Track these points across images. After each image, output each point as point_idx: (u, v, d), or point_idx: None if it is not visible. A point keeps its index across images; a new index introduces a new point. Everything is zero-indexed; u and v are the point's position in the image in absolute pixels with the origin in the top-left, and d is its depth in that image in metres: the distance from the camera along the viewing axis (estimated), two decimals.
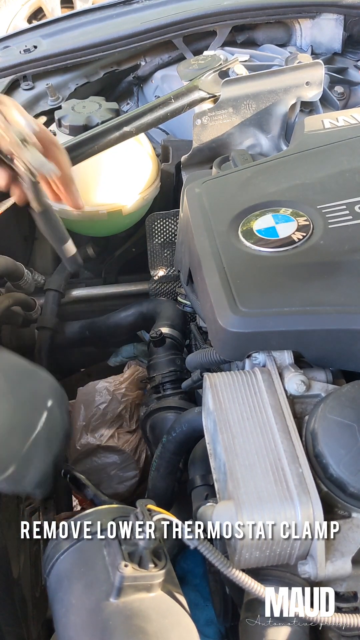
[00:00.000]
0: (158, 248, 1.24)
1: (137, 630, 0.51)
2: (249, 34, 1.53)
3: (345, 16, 1.45)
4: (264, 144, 1.14)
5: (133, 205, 1.21)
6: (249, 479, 0.55)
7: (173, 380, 1.07)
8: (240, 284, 0.67)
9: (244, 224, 0.75)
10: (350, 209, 0.74)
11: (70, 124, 1.16)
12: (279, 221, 0.74)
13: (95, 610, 0.52)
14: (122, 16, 1.49)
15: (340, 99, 1.34)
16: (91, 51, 1.37)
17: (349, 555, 0.55)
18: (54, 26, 1.49)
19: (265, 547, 0.54)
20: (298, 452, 0.57)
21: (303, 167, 0.85)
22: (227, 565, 0.54)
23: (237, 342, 0.66)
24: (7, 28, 2.95)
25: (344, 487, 0.55)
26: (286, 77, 1.11)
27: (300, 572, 0.57)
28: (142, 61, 1.52)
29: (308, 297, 0.65)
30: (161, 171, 1.27)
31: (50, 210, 0.77)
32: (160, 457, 0.87)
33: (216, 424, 0.60)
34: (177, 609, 0.55)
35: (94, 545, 0.56)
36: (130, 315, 1.24)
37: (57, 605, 0.55)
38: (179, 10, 1.45)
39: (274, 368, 0.64)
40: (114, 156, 1.16)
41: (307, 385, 0.63)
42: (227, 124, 1.12)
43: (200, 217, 0.79)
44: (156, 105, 1.05)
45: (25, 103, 1.30)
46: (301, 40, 1.53)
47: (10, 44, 1.44)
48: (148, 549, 0.53)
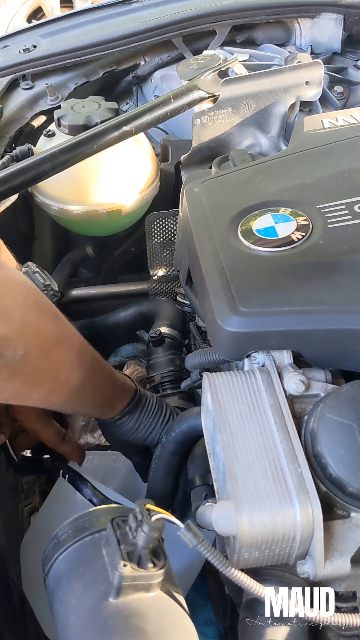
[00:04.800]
0: (157, 248, 1.24)
1: (136, 629, 0.51)
2: (249, 33, 1.52)
3: (344, 16, 1.45)
4: (263, 144, 1.14)
5: (132, 204, 1.21)
6: (248, 479, 0.55)
7: (172, 380, 1.07)
8: (239, 284, 0.67)
9: (243, 224, 0.75)
10: (350, 209, 0.74)
11: (69, 123, 1.17)
12: (278, 221, 0.74)
13: (95, 609, 0.52)
14: (121, 16, 1.49)
15: (339, 98, 1.34)
16: (90, 51, 1.37)
17: (348, 555, 0.55)
18: (53, 26, 1.49)
19: (265, 547, 0.54)
20: (297, 452, 0.57)
21: (302, 167, 0.85)
22: (226, 565, 0.54)
23: (236, 341, 0.66)
24: (7, 27, 2.95)
25: (343, 487, 0.55)
26: (286, 76, 1.10)
27: (299, 572, 0.57)
28: (142, 61, 1.52)
29: (307, 297, 0.65)
30: (160, 171, 1.27)
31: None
32: (159, 458, 0.87)
33: (215, 423, 0.60)
34: (177, 608, 0.55)
35: (93, 545, 0.56)
36: (130, 315, 1.24)
37: (56, 605, 0.55)
38: (179, 9, 1.44)
39: (273, 368, 0.64)
40: (113, 156, 1.16)
41: (307, 385, 0.62)
42: (227, 124, 1.12)
43: (199, 217, 0.79)
44: (155, 105, 1.05)
45: (25, 103, 1.30)
46: (301, 39, 1.53)
47: (9, 43, 1.44)
48: (147, 548, 0.53)
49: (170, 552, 0.56)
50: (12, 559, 0.93)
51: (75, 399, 0.78)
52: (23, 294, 0.64)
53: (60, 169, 0.95)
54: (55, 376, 0.70)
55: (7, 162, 1.09)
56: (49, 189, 1.19)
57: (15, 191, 0.93)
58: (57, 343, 0.70)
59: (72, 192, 1.18)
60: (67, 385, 0.73)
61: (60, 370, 0.71)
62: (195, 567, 0.89)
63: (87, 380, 0.76)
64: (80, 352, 0.74)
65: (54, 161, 0.94)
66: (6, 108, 1.27)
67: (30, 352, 0.64)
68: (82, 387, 0.76)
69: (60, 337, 0.71)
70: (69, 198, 1.18)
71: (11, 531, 0.96)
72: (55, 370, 0.70)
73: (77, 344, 0.74)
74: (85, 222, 1.22)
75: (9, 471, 1.00)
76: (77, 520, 0.59)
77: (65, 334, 0.72)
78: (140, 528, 0.53)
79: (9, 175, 0.91)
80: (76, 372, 0.73)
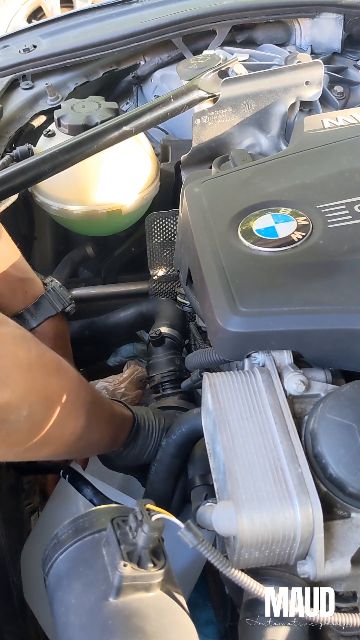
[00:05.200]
0: (157, 247, 1.24)
1: (136, 629, 0.51)
2: (249, 33, 1.52)
3: (344, 16, 1.45)
4: (263, 144, 1.14)
5: (132, 204, 1.21)
6: (248, 479, 0.55)
7: (172, 380, 1.07)
8: (239, 284, 0.67)
9: (243, 224, 0.75)
10: (350, 209, 0.74)
11: (69, 123, 1.16)
12: (279, 221, 0.74)
13: (95, 609, 0.52)
14: (121, 16, 1.49)
15: (339, 98, 1.34)
16: (90, 50, 1.37)
17: (348, 555, 0.55)
18: (53, 25, 1.49)
19: (265, 547, 0.54)
20: (297, 452, 0.57)
21: (302, 167, 0.85)
22: (226, 565, 0.54)
23: (236, 341, 0.66)
24: (7, 27, 2.95)
25: (344, 487, 0.55)
26: (286, 76, 1.10)
27: (299, 572, 0.57)
28: (142, 61, 1.52)
29: (307, 297, 0.65)
30: (160, 170, 1.27)
31: None
32: (159, 462, 0.86)
33: (215, 423, 0.60)
34: (177, 608, 0.55)
35: (93, 545, 0.56)
36: (130, 315, 1.24)
37: (56, 605, 0.55)
38: (179, 9, 1.45)
39: (273, 368, 0.64)
40: (113, 156, 1.16)
41: (307, 385, 0.62)
42: (227, 124, 1.12)
43: (199, 217, 0.79)
44: (155, 105, 1.05)
45: (25, 102, 1.30)
46: (301, 39, 1.53)
47: (9, 43, 1.44)
48: (147, 548, 0.53)
49: (170, 552, 0.56)
50: (12, 559, 0.93)
51: (83, 447, 0.77)
52: (25, 352, 0.62)
53: (60, 169, 0.95)
54: (61, 431, 0.68)
55: (7, 162, 1.09)
56: (49, 189, 1.19)
57: (15, 191, 0.93)
58: (60, 397, 0.67)
59: (72, 192, 1.18)
60: (74, 435, 0.71)
61: (66, 423, 0.68)
62: (196, 567, 0.89)
63: (93, 426, 0.74)
64: (83, 400, 0.72)
65: (54, 161, 0.94)
66: (6, 108, 1.27)
67: (34, 412, 0.61)
68: (90, 434, 0.74)
69: (63, 389, 0.68)
70: (69, 198, 1.18)
71: (11, 531, 0.96)
72: (61, 425, 0.67)
73: (79, 393, 0.71)
74: (85, 222, 1.22)
75: (9, 471, 1.00)
76: (77, 520, 0.59)
77: (68, 385, 0.69)
78: (141, 528, 0.53)
79: (9, 175, 0.90)
80: (81, 421, 0.71)
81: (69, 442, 0.71)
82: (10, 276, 0.92)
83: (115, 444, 0.84)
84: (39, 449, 0.67)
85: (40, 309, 0.97)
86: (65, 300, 1.00)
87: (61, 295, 0.99)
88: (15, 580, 0.93)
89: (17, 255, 0.94)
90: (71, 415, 0.69)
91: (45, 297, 0.98)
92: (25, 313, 0.96)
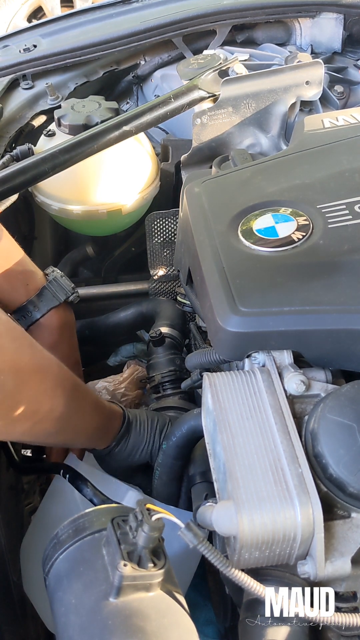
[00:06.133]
0: (158, 247, 1.24)
1: (137, 629, 0.51)
2: (249, 33, 1.52)
3: (345, 15, 1.45)
4: (263, 144, 1.14)
5: (133, 204, 1.21)
6: (249, 479, 0.55)
7: (172, 380, 1.07)
8: (239, 284, 0.67)
9: (243, 224, 0.75)
10: (350, 209, 0.74)
11: (69, 123, 1.16)
12: (279, 221, 0.74)
13: (95, 609, 0.52)
14: (121, 15, 1.49)
15: (340, 98, 1.34)
16: (91, 50, 1.37)
17: (348, 555, 0.55)
18: (53, 25, 1.49)
19: (265, 547, 0.54)
20: (297, 452, 0.57)
21: (303, 167, 0.85)
22: (226, 565, 0.54)
23: (236, 341, 0.65)
24: (7, 27, 2.95)
25: (344, 487, 0.55)
26: (286, 76, 1.10)
27: (299, 572, 0.57)
28: (142, 60, 1.52)
29: (308, 297, 0.65)
30: (161, 170, 1.27)
31: None
32: (161, 465, 0.86)
33: (216, 423, 0.60)
34: (177, 608, 0.55)
35: (93, 545, 0.56)
36: (130, 315, 1.24)
37: (56, 604, 0.55)
38: (179, 9, 1.45)
39: (273, 368, 0.64)
40: (113, 155, 1.16)
41: (307, 385, 0.62)
42: (227, 123, 1.12)
43: (199, 217, 0.79)
44: (156, 105, 1.05)
45: (25, 102, 1.30)
46: (301, 39, 1.53)
47: (9, 43, 1.44)
48: (147, 548, 0.53)
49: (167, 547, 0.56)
50: (12, 559, 0.93)
51: (63, 430, 0.77)
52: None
53: (60, 168, 0.95)
54: (36, 407, 0.69)
55: (7, 162, 1.09)
56: (49, 189, 1.19)
57: (15, 191, 0.93)
58: (33, 372, 0.68)
59: (72, 191, 1.18)
60: (52, 415, 0.71)
61: (41, 400, 0.69)
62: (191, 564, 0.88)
63: (73, 409, 0.74)
64: (61, 381, 0.73)
65: (54, 161, 0.94)
66: (6, 108, 1.27)
67: (5, 382, 0.62)
68: (69, 416, 0.74)
69: (37, 365, 0.69)
70: (69, 198, 1.18)
71: (11, 531, 0.96)
72: (36, 400, 0.68)
73: (56, 373, 0.72)
74: (85, 222, 1.22)
75: (9, 471, 1.00)
76: (78, 520, 0.59)
77: (43, 363, 0.70)
78: (141, 528, 0.53)
79: (9, 175, 0.90)
80: (59, 401, 0.71)
81: (47, 420, 0.71)
82: (10, 269, 0.92)
83: (106, 437, 0.84)
84: (14, 423, 0.67)
85: (43, 300, 0.96)
86: (67, 290, 0.99)
87: (63, 284, 0.99)
88: (15, 580, 0.93)
89: (16, 248, 0.93)
90: (47, 393, 0.70)
91: (47, 288, 0.97)
92: (28, 305, 0.95)
